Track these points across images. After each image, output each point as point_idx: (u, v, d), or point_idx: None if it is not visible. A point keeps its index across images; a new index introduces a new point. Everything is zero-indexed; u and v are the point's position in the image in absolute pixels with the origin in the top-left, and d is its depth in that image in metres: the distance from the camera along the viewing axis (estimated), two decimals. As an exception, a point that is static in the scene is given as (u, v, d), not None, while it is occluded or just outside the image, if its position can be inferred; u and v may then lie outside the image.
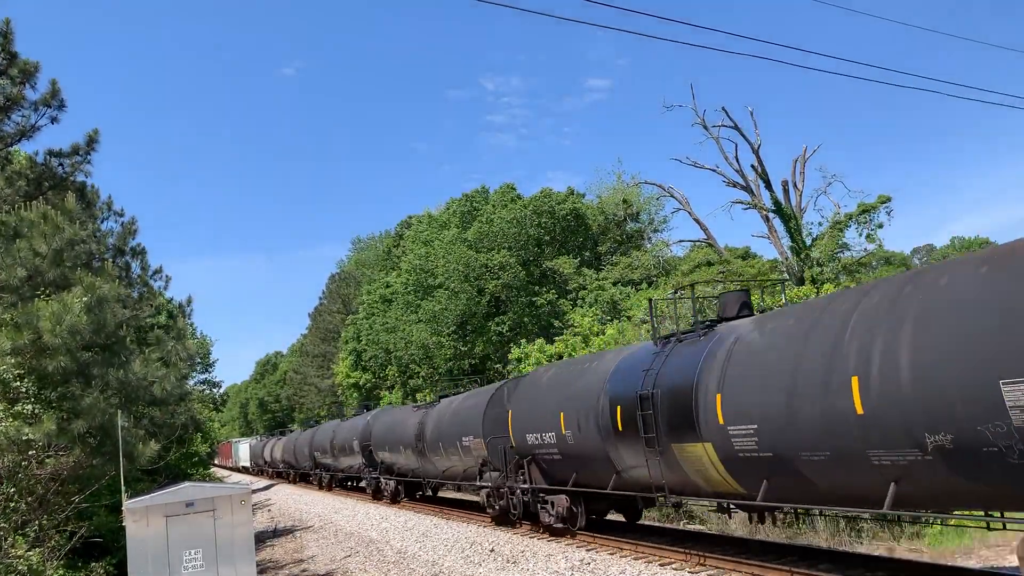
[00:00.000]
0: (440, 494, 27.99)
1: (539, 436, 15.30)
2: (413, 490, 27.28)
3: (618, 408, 12.38)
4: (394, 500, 26.96)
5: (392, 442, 25.79)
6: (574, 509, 15.04)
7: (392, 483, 27.04)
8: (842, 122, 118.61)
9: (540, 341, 31.48)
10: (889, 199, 32.04)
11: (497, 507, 17.80)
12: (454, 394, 23.41)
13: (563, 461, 14.72)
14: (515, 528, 17.10)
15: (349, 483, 36.87)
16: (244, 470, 73.28)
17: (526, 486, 16.16)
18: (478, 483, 18.85)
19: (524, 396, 16.55)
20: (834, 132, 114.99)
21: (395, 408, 30.84)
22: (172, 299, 26.02)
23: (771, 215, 34.64)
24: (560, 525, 15.14)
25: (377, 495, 28.92)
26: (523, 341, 33.83)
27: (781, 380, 9.02)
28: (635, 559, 12.58)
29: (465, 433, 19.04)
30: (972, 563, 11.78)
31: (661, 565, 11.92)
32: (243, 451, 73.27)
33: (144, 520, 11.08)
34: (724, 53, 54.56)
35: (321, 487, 39.35)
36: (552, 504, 15.35)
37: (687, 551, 12.28)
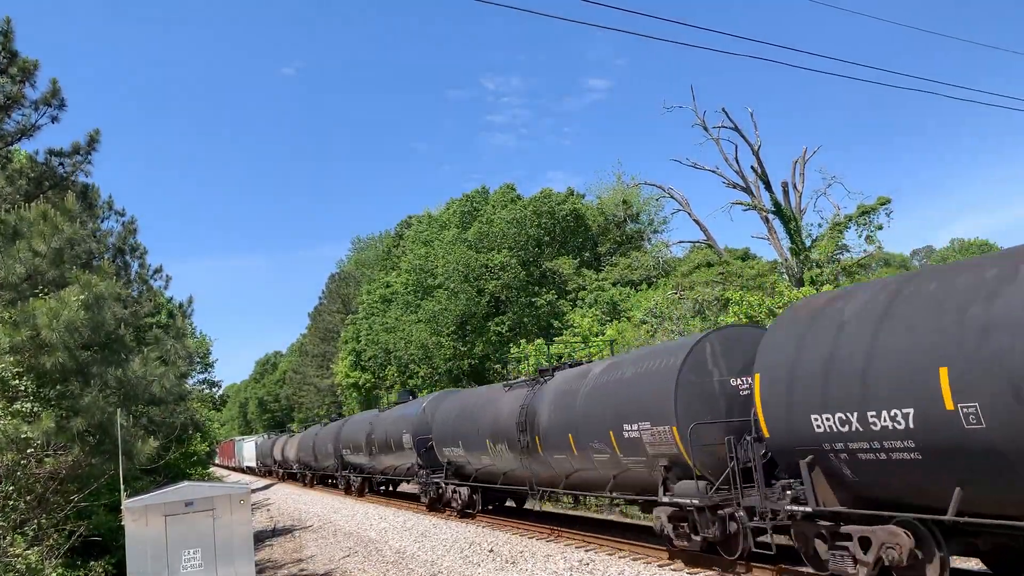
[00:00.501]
0: (527, 505, 21.03)
1: (854, 418, 8.35)
2: (493, 500, 20.82)
3: None
4: (465, 513, 20.51)
5: (471, 435, 19.27)
6: (918, 554, 8.29)
7: (464, 491, 20.36)
8: (842, 123, 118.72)
9: (540, 341, 31.52)
10: (888, 201, 32.07)
11: (699, 538, 11.29)
12: (571, 365, 17.17)
13: (925, 463, 7.84)
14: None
15: (386, 488, 31.13)
16: (248, 471, 67.91)
17: (801, 508, 9.34)
18: (660, 499, 11.90)
19: (798, 345, 9.36)
20: (834, 133, 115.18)
21: (465, 391, 23.94)
22: (172, 298, 26.07)
23: (771, 216, 34.67)
24: None
25: (436, 505, 22.41)
26: (523, 341, 33.85)
27: None
28: (634, 559, 12.59)
29: (630, 419, 12.38)
30: (972, 565, 11.78)
31: (660, 566, 11.93)
32: (248, 450, 67.28)
33: (143, 519, 11.09)
34: (724, 54, 54.66)
35: (349, 492, 32.83)
36: (866, 543, 8.73)
37: (686, 552, 12.28)
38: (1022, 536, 7.98)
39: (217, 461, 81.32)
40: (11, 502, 11.51)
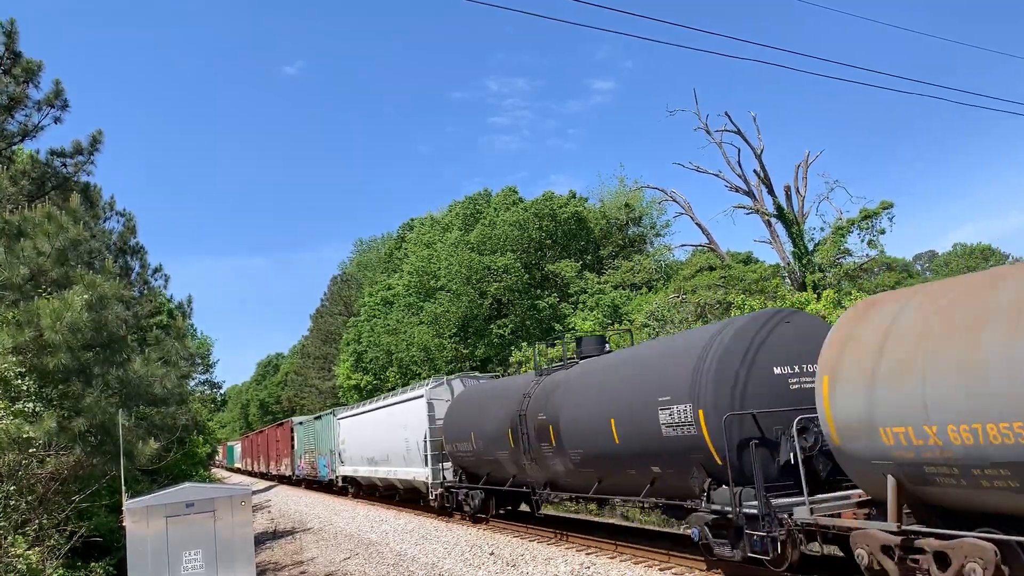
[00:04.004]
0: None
1: None
2: None
3: None
4: None
5: None
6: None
7: None
8: (845, 128, 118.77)
9: (541, 344, 31.49)
10: (891, 205, 32.08)
11: None
12: None
13: None
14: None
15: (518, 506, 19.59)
16: (367, 491, 29.85)
17: None
18: None
19: None
20: (837, 138, 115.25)
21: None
22: (172, 298, 26.12)
23: (773, 220, 34.68)
24: None
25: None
26: (524, 344, 33.85)
27: None
28: (635, 563, 12.56)
29: None
30: (973, 570, 11.74)
31: (661, 570, 11.90)
32: (363, 434, 27.84)
33: (144, 520, 11.08)
34: (729, 58, 54.74)
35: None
36: None
37: (686, 555, 12.27)
38: None
39: (236, 465, 73.35)
40: (12, 502, 11.52)
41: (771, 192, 34.83)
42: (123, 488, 11.63)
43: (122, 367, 13.14)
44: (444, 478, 20.99)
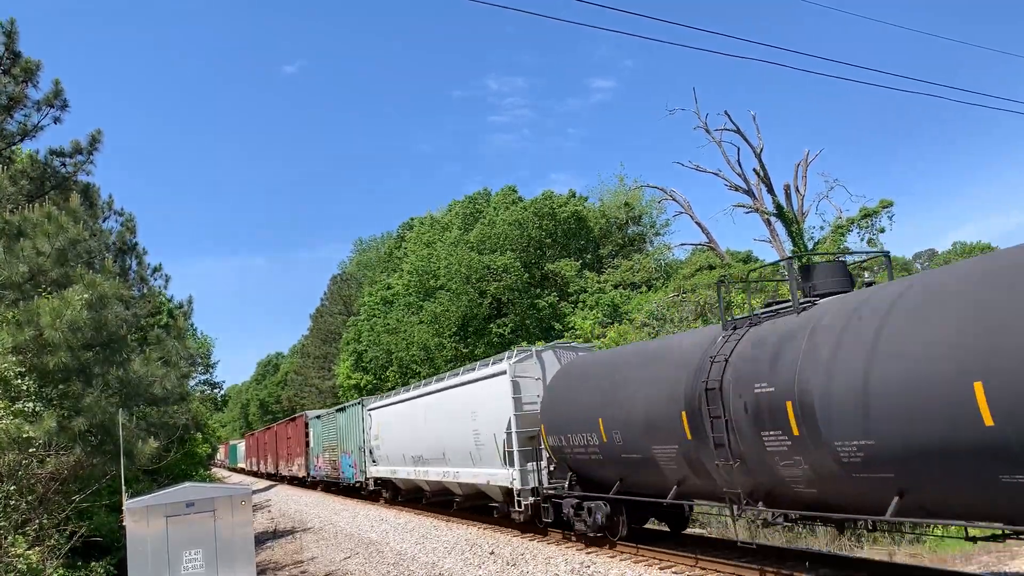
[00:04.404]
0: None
1: None
2: None
3: None
4: None
5: None
6: None
7: None
8: (846, 127, 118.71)
9: (540, 343, 31.54)
10: (891, 204, 32.11)
11: None
12: None
13: None
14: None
15: None
16: (413, 500, 24.36)
17: None
18: None
19: None
20: (837, 137, 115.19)
21: None
22: (171, 298, 26.10)
23: (773, 219, 34.69)
24: None
25: None
26: (524, 343, 33.88)
27: None
28: (635, 563, 12.57)
29: None
30: (973, 568, 11.77)
31: (660, 569, 11.91)
32: (407, 427, 22.55)
33: (144, 520, 11.09)
34: (729, 57, 54.73)
35: None
36: None
37: (686, 555, 12.28)
38: None
39: (240, 465, 68.98)
40: (12, 502, 11.52)
41: (771, 191, 34.85)
42: (123, 488, 11.63)
43: (122, 367, 13.14)
44: (540, 482, 15.68)
